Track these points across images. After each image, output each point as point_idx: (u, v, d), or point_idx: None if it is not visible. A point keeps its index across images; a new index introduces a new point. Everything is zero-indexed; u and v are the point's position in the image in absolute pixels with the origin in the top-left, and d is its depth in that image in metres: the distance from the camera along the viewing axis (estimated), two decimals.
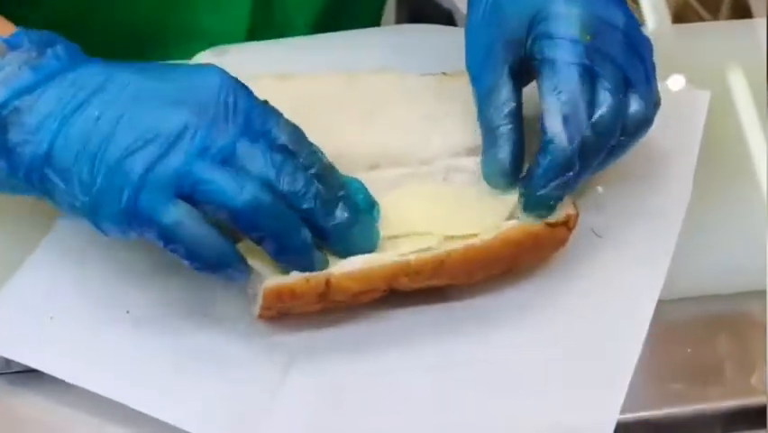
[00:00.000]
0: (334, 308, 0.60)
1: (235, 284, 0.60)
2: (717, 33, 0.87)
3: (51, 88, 0.57)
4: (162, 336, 0.60)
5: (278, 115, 0.58)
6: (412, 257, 0.59)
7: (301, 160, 0.58)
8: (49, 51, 0.58)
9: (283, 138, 0.57)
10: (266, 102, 0.59)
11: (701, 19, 1.29)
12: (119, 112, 0.56)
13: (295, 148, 0.58)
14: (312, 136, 0.64)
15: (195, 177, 0.55)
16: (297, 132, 0.58)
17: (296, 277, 0.58)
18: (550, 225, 0.61)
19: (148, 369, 0.59)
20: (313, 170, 0.58)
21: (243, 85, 0.58)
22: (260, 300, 0.58)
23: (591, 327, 0.62)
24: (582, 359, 0.61)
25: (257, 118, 0.57)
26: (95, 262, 0.63)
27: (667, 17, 1.09)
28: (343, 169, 0.64)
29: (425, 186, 0.64)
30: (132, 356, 0.60)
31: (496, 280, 0.63)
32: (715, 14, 1.27)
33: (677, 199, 0.68)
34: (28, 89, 0.57)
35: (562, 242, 0.63)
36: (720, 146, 0.73)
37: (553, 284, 0.64)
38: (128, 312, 0.61)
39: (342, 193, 0.59)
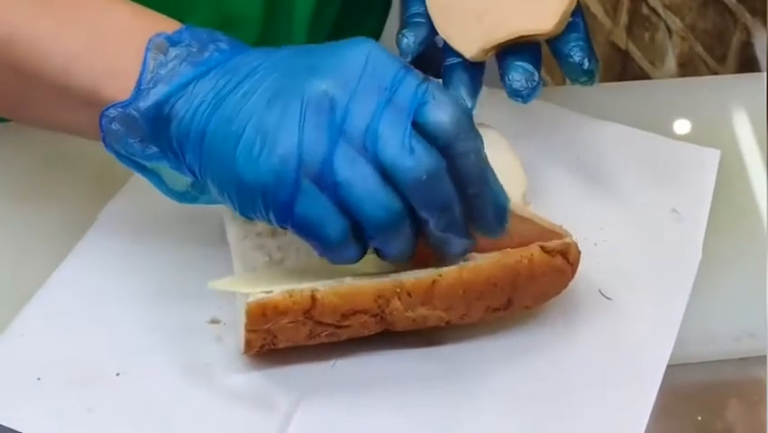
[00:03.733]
0: (322, 334, 0.58)
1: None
2: (725, 87, 0.86)
3: (207, 79, 0.56)
4: (154, 399, 0.59)
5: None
6: (404, 276, 0.58)
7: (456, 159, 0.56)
8: (211, 46, 0.58)
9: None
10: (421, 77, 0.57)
11: (707, 67, 1.29)
12: (265, 87, 0.55)
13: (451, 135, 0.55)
14: None
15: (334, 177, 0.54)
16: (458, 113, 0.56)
17: (279, 292, 0.56)
18: (546, 249, 0.60)
19: (138, 432, 0.57)
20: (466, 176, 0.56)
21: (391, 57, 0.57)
22: (243, 321, 0.57)
23: (594, 390, 0.60)
24: (586, 425, 0.59)
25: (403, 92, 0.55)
26: (84, 323, 0.62)
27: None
28: None
29: None
30: (122, 420, 0.58)
31: (494, 331, 0.62)
32: (721, 62, 1.27)
33: (687, 262, 0.66)
34: (187, 83, 0.57)
35: (562, 279, 0.61)
36: (729, 205, 0.72)
37: (556, 342, 0.62)
38: (118, 374, 0.59)
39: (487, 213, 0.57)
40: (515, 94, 0.65)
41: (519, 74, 0.65)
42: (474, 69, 0.67)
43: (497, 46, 0.66)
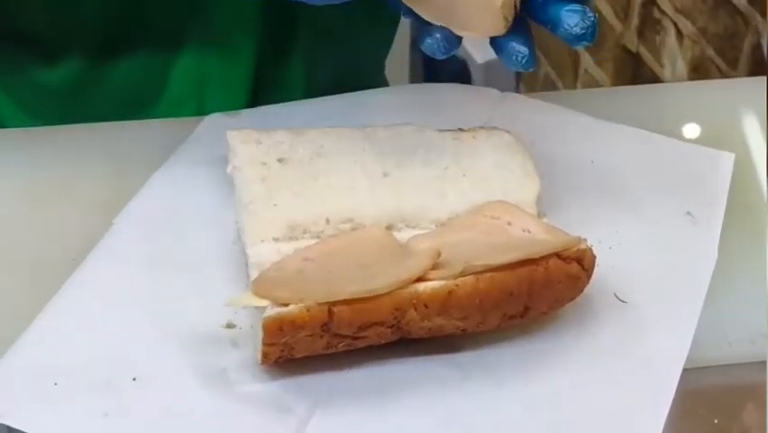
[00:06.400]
0: (339, 345, 0.58)
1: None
2: (736, 90, 0.86)
3: None
4: (169, 403, 0.58)
5: None
6: (420, 286, 0.58)
7: None
8: None
9: None
10: None
11: (719, 70, 1.29)
12: None
13: None
14: (327, 194, 0.64)
15: None
16: None
17: (296, 307, 0.56)
18: (561, 257, 0.60)
19: None
20: None
21: None
22: (260, 335, 0.57)
23: (610, 393, 0.60)
24: (602, 428, 0.59)
25: None
26: (100, 327, 0.62)
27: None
28: None
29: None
30: (138, 425, 0.58)
31: (509, 336, 0.61)
32: (733, 66, 1.26)
33: (702, 264, 0.66)
34: None
35: (577, 285, 0.61)
36: (742, 207, 0.71)
37: (572, 346, 0.62)
38: (134, 379, 0.59)
39: None
40: (579, 39, 0.62)
41: (576, 16, 0.62)
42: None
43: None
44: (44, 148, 0.74)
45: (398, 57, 1.65)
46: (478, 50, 1.74)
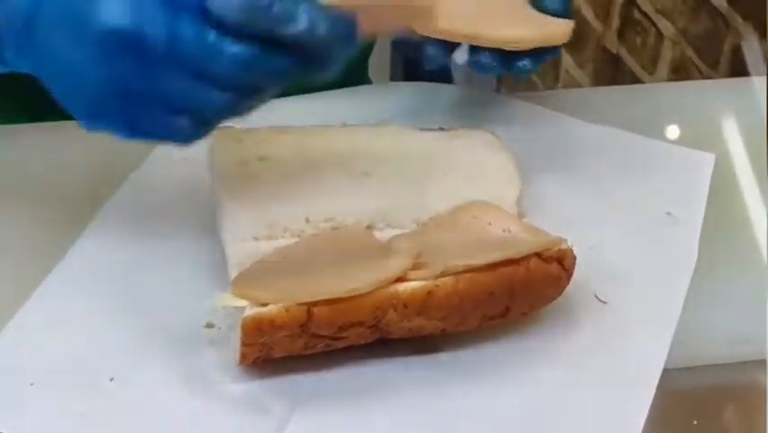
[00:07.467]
0: (318, 346, 0.58)
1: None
2: (716, 91, 0.87)
3: None
4: (147, 404, 0.58)
5: None
6: (400, 286, 0.58)
7: None
8: None
9: None
10: None
11: (699, 72, 1.29)
12: None
13: None
14: (307, 193, 0.64)
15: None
16: None
17: (275, 307, 0.56)
18: (542, 257, 0.60)
19: None
20: None
21: None
22: (239, 335, 0.57)
23: (590, 394, 0.60)
24: (582, 429, 0.59)
25: None
26: (78, 328, 0.61)
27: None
28: None
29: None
30: (115, 425, 0.57)
31: (489, 336, 0.61)
32: (713, 67, 1.27)
33: (683, 265, 0.66)
34: None
35: (558, 285, 0.61)
36: (723, 208, 0.72)
37: (552, 347, 0.62)
38: (112, 379, 0.59)
39: None
40: None
41: None
42: None
43: None
44: (25, 144, 0.73)
45: (380, 56, 1.65)
46: (459, 51, 1.73)
